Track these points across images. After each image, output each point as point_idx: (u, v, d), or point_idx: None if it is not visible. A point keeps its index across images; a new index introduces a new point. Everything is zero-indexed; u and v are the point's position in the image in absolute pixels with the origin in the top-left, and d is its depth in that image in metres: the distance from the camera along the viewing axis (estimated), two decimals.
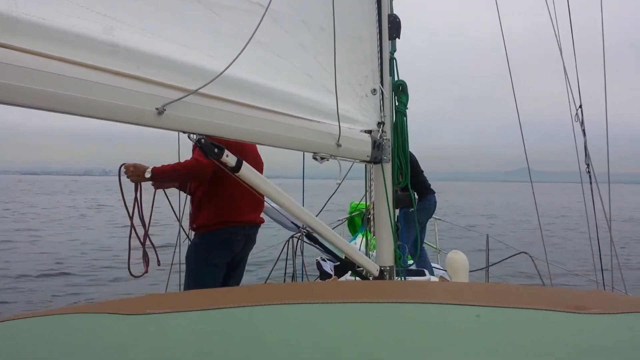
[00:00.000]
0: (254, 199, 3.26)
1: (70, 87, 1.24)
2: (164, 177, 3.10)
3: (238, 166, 1.91)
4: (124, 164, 2.99)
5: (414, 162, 5.26)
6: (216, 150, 1.79)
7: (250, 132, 1.88)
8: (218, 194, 3.25)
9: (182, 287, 3.44)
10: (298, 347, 0.85)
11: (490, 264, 4.91)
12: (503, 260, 4.74)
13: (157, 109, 1.46)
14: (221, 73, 1.51)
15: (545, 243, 3.94)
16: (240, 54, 1.50)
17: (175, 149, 3.23)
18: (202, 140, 1.72)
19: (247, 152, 3.13)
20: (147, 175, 2.99)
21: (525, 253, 4.59)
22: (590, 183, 3.36)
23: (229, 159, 1.86)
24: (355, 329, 0.94)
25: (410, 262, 3.24)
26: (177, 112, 1.53)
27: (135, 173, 2.97)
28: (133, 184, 2.92)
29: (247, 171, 1.96)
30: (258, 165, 3.41)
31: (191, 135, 1.69)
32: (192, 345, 0.85)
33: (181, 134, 1.86)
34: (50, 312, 1.11)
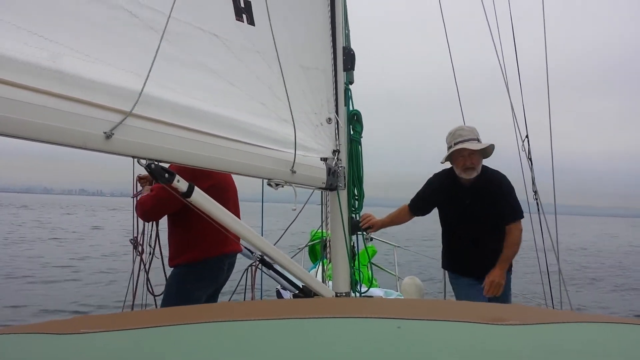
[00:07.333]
0: None
1: (15, 111, 1.24)
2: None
3: (189, 192, 1.92)
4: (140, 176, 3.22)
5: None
6: (167, 175, 1.79)
7: (201, 158, 1.90)
8: (204, 223, 2.93)
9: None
10: None
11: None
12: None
13: (104, 132, 1.47)
14: (142, 90, 1.56)
15: None
16: (151, 69, 1.56)
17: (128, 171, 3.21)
18: (152, 166, 1.73)
19: (221, 179, 3.08)
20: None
21: None
22: (538, 212, 3.51)
23: (180, 184, 1.87)
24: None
25: (366, 288, 3.27)
26: (126, 136, 1.54)
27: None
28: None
29: (199, 197, 1.97)
30: (230, 189, 3.28)
31: (141, 160, 1.69)
32: None
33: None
34: None
